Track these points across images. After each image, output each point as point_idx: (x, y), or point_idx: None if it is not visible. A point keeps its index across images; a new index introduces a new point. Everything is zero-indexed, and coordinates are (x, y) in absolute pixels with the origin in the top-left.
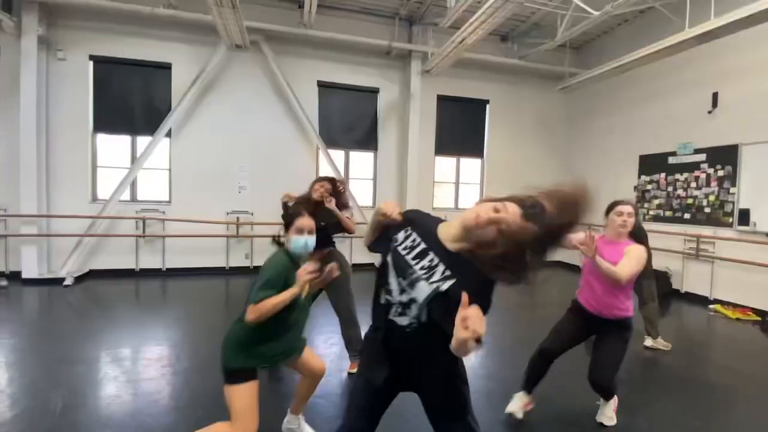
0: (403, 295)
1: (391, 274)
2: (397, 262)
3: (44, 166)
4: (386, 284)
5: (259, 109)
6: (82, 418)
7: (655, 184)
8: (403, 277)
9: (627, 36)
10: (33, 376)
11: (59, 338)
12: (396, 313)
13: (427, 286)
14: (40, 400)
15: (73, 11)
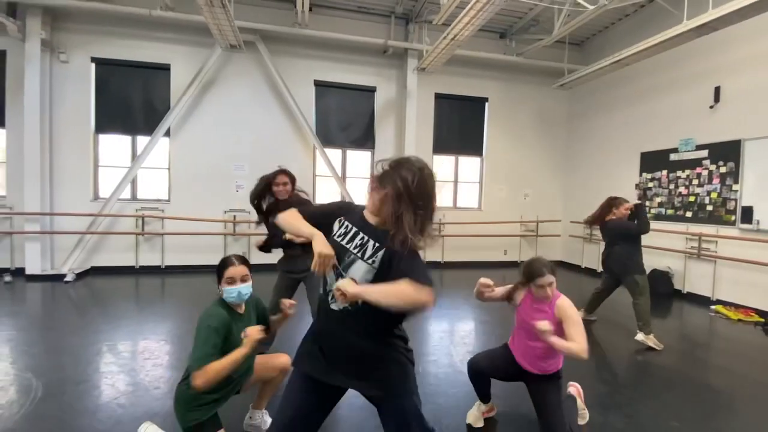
0: (339, 279)
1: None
2: (336, 250)
3: (48, 165)
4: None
5: (257, 108)
6: (58, 405)
7: (657, 181)
8: (340, 262)
9: (627, 31)
10: (22, 365)
11: (58, 331)
12: (332, 299)
13: (363, 264)
14: (24, 388)
15: (75, 15)
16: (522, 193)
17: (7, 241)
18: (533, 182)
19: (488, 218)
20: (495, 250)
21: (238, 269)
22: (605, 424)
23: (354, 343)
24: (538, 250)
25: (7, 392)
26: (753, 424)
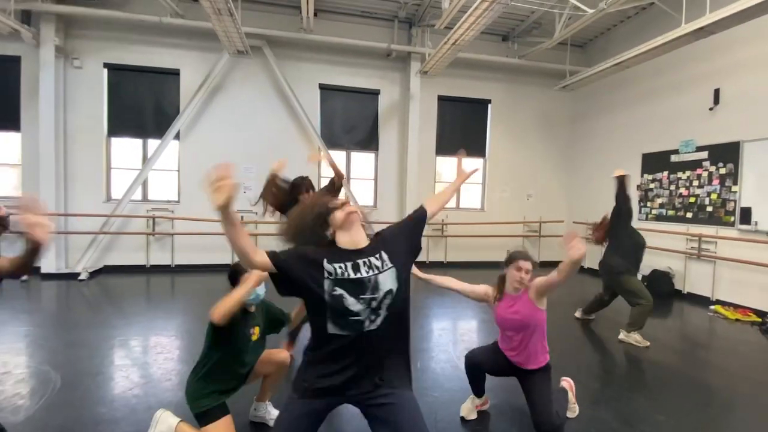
0: (374, 302)
1: (349, 301)
2: (350, 290)
3: (62, 167)
4: (349, 313)
5: (263, 112)
6: (77, 395)
7: (658, 183)
8: (364, 291)
9: (629, 33)
10: (40, 359)
11: (73, 327)
12: (370, 322)
13: (388, 275)
14: (43, 379)
15: (88, 22)
16: (525, 194)
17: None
18: (536, 183)
19: (491, 219)
20: (498, 250)
21: (258, 275)
22: (594, 417)
23: (389, 352)
24: (541, 250)
25: (28, 383)
26: (740, 418)
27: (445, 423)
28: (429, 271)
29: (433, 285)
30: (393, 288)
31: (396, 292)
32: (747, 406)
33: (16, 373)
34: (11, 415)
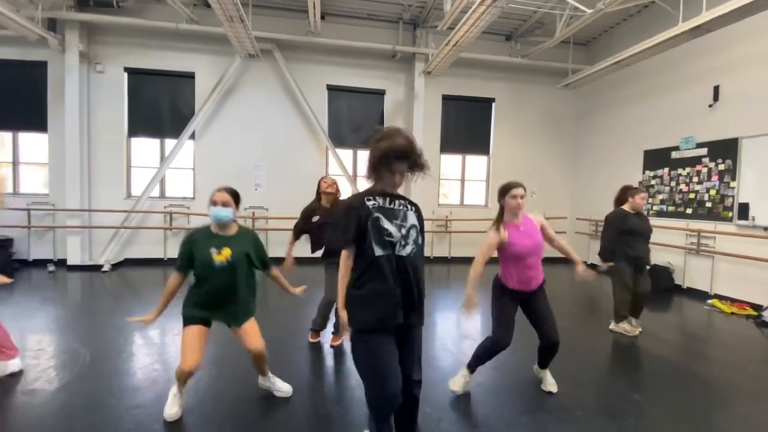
0: (402, 230)
1: (385, 223)
2: (385, 215)
3: (86, 166)
4: (384, 232)
5: (273, 112)
6: (105, 368)
7: (659, 179)
8: (396, 218)
9: (632, 30)
10: (70, 338)
11: (97, 313)
12: (401, 247)
13: (412, 215)
14: (74, 355)
15: (109, 29)
16: (529, 190)
17: (51, 235)
18: (540, 180)
19: (495, 215)
20: None
21: (221, 195)
22: (573, 395)
23: (419, 278)
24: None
25: (60, 358)
26: (714, 399)
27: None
28: (433, 265)
29: (476, 286)
30: (416, 224)
31: (418, 230)
32: (726, 389)
33: (50, 350)
34: (47, 384)
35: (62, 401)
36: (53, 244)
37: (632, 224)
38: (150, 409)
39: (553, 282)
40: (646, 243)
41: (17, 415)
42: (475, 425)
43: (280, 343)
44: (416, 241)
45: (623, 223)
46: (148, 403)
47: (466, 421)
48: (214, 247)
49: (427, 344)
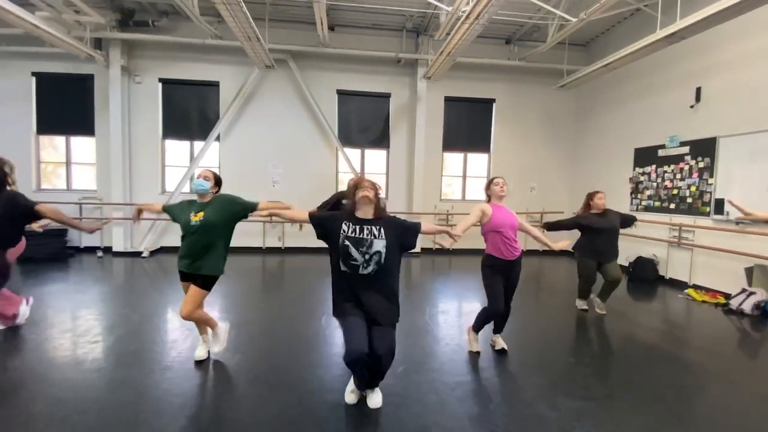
0: (366, 256)
1: (352, 251)
2: (352, 242)
3: (127, 165)
4: (350, 258)
5: (288, 116)
6: (149, 326)
7: (647, 176)
8: (362, 246)
9: (628, 32)
10: (120, 306)
11: (139, 291)
12: (363, 268)
13: (379, 242)
14: (125, 318)
15: (146, 45)
16: (528, 186)
17: None
18: (539, 176)
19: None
20: None
21: (204, 171)
22: (524, 362)
23: (379, 289)
24: None
25: (114, 319)
26: (676, 373)
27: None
28: (435, 257)
29: (463, 230)
30: (381, 251)
31: (383, 255)
32: (689, 366)
33: (106, 314)
34: (105, 339)
35: (119, 349)
36: (101, 234)
37: (591, 221)
38: (185, 353)
39: (553, 274)
40: (611, 238)
41: (88, 357)
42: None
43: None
44: (378, 262)
45: (581, 217)
46: (184, 349)
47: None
48: (193, 211)
49: (432, 327)
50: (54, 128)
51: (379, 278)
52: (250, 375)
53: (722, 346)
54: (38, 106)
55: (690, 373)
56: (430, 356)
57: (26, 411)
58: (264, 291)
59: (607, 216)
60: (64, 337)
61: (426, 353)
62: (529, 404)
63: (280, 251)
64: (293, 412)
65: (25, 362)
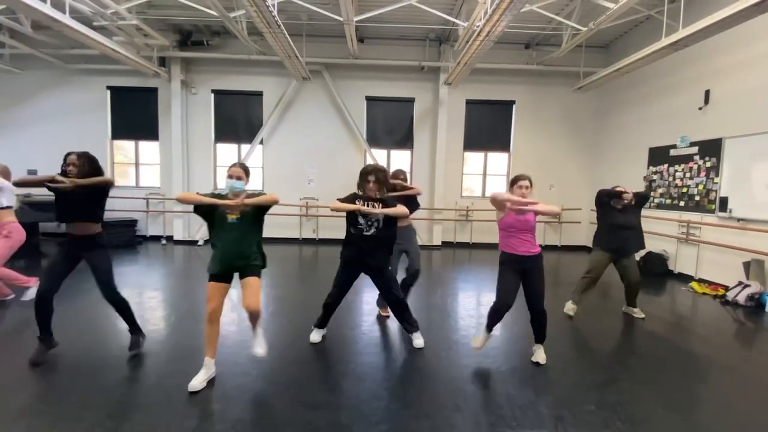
0: (368, 222)
1: (359, 218)
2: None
3: (186, 165)
4: (357, 223)
5: (322, 121)
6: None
7: (660, 175)
8: (366, 216)
9: (646, 33)
10: (182, 285)
11: (196, 274)
12: (366, 229)
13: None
14: (188, 295)
15: (201, 61)
16: (548, 184)
17: (162, 217)
18: (559, 174)
19: None
20: None
21: (235, 170)
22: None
23: (378, 249)
24: (562, 235)
25: (178, 294)
26: (671, 357)
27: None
28: (456, 249)
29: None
30: (379, 219)
31: (380, 223)
32: (683, 351)
33: (170, 291)
34: (173, 309)
35: (179, 321)
36: (163, 224)
37: (612, 215)
38: (239, 325)
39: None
40: (635, 234)
41: (157, 326)
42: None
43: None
44: (377, 227)
45: (609, 196)
46: (235, 323)
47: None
48: (228, 210)
49: (451, 316)
50: (125, 134)
51: (377, 236)
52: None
53: (716, 334)
54: (112, 115)
55: (683, 356)
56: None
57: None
58: (300, 276)
59: (626, 214)
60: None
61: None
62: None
63: (315, 242)
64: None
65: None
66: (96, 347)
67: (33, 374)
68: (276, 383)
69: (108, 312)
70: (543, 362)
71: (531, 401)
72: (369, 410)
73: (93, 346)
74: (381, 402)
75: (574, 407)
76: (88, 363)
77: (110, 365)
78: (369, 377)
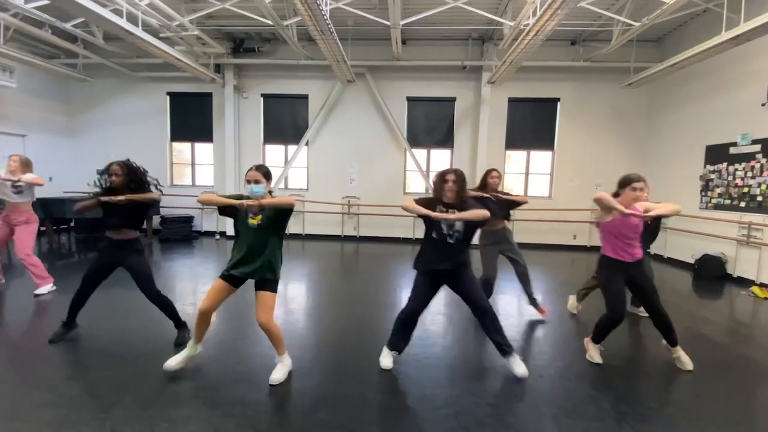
0: (451, 230)
1: (443, 227)
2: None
3: (238, 165)
4: (439, 229)
5: (364, 122)
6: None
7: (717, 174)
8: (447, 225)
9: (701, 28)
10: None
11: None
12: (449, 237)
13: (459, 223)
14: None
15: (252, 67)
16: (593, 183)
17: (215, 214)
18: (605, 173)
19: (558, 206)
20: (564, 234)
21: (253, 174)
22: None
23: (458, 257)
24: None
25: None
26: (720, 359)
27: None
28: None
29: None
30: (460, 229)
31: (461, 231)
32: (738, 357)
33: None
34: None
35: (229, 315)
36: (217, 221)
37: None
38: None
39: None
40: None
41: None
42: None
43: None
44: (457, 238)
45: None
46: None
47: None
48: (251, 213)
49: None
50: (182, 136)
51: (458, 247)
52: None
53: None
54: (171, 119)
55: (743, 362)
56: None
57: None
58: (342, 271)
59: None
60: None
61: None
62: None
63: (356, 239)
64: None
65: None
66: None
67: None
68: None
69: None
70: (690, 368)
71: (590, 396)
72: (432, 394)
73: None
74: (444, 389)
75: (636, 403)
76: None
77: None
78: (430, 366)
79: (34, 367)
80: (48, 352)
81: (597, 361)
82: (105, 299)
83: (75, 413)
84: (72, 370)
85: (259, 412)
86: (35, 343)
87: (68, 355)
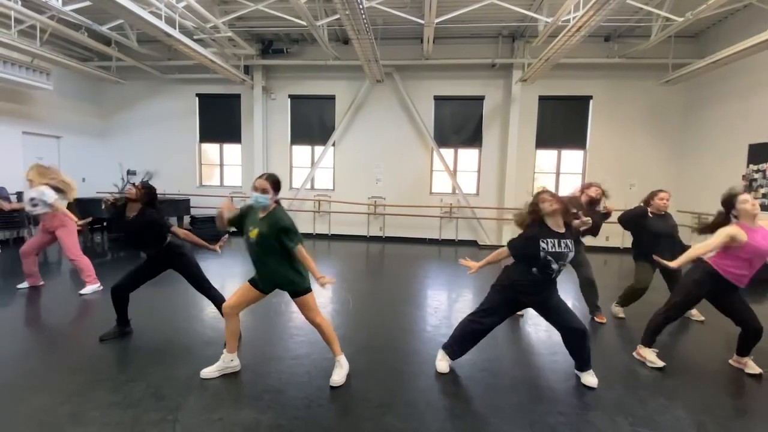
0: (558, 265)
1: (552, 262)
2: (554, 255)
3: (265, 166)
4: (548, 266)
5: (391, 121)
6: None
7: (762, 173)
8: (559, 260)
9: (741, 24)
10: None
11: None
12: (554, 273)
13: (571, 254)
14: None
15: (279, 68)
16: (627, 183)
17: None
18: (640, 172)
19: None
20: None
21: (261, 182)
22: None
23: (553, 288)
24: None
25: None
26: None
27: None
28: None
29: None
30: (570, 258)
31: (566, 263)
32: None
33: None
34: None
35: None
36: None
37: (651, 225)
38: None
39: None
40: (673, 242)
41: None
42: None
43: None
44: (560, 270)
45: (639, 217)
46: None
47: None
48: (252, 225)
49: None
50: (211, 137)
51: (558, 277)
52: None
53: None
54: (200, 120)
55: None
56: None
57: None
58: (368, 271)
59: (665, 218)
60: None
61: None
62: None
63: (381, 239)
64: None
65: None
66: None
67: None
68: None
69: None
70: (759, 371)
71: (665, 405)
72: (503, 403)
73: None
74: (510, 397)
75: (710, 412)
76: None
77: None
78: (488, 371)
79: (92, 368)
80: (102, 352)
81: (658, 364)
82: (148, 297)
83: (143, 415)
84: (132, 370)
85: (326, 416)
86: (88, 342)
87: (123, 355)
